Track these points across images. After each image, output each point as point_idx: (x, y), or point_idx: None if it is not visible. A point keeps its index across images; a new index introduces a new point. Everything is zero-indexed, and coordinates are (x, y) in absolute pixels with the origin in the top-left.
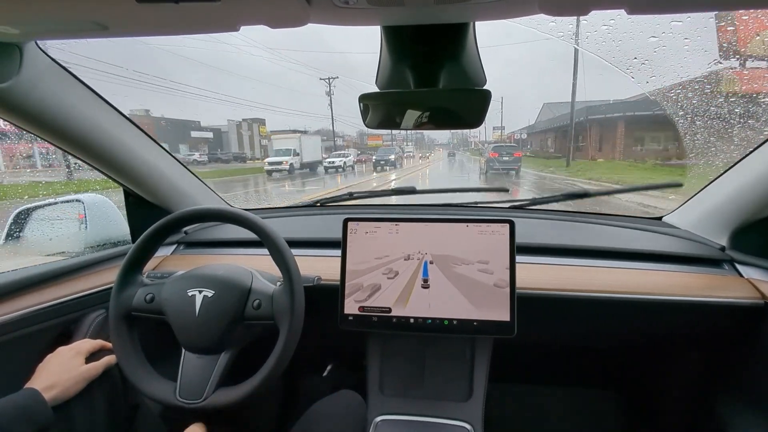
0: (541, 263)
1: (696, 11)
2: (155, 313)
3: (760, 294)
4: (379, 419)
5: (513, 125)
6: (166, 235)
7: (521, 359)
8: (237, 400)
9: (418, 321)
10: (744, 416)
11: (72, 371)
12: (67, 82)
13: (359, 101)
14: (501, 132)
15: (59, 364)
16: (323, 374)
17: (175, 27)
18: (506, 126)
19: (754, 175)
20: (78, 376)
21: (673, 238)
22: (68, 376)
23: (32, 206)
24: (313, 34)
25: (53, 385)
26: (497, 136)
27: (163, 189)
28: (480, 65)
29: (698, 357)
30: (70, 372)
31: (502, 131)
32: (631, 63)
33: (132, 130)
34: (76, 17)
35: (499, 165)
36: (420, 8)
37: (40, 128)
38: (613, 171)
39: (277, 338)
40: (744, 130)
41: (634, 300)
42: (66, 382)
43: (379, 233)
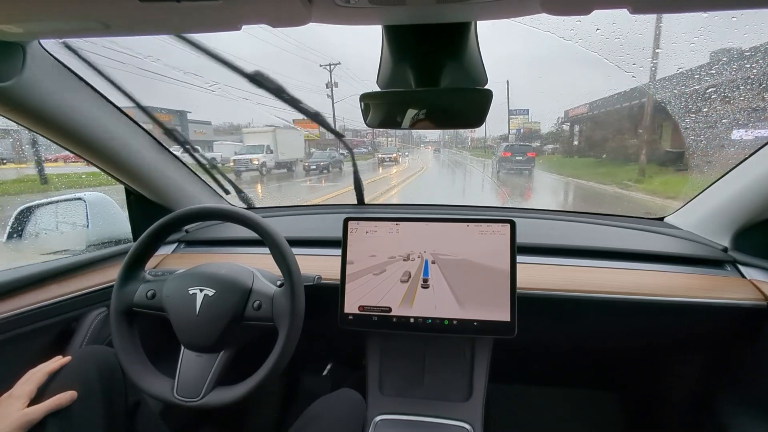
0: (541, 263)
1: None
2: (156, 309)
3: (762, 295)
4: (379, 419)
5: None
6: (167, 233)
7: (521, 359)
8: (233, 400)
9: (418, 321)
10: (745, 417)
11: (5, 420)
12: (70, 80)
13: (360, 100)
14: (525, 117)
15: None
16: (323, 373)
17: (177, 26)
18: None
19: (757, 176)
20: (12, 423)
21: (674, 239)
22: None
23: (35, 204)
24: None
25: None
26: (519, 123)
27: (164, 187)
28: (481, 65)
29: (699, 358)
30: (2, 421)
31: (526, 116)
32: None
33: (134, 128)
34: (79, 16)
35: (512, 165)
36: (421, 7)
37: (43, 126)
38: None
39: (276, 340)
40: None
41: (635, 301)
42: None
43: (380, 232)
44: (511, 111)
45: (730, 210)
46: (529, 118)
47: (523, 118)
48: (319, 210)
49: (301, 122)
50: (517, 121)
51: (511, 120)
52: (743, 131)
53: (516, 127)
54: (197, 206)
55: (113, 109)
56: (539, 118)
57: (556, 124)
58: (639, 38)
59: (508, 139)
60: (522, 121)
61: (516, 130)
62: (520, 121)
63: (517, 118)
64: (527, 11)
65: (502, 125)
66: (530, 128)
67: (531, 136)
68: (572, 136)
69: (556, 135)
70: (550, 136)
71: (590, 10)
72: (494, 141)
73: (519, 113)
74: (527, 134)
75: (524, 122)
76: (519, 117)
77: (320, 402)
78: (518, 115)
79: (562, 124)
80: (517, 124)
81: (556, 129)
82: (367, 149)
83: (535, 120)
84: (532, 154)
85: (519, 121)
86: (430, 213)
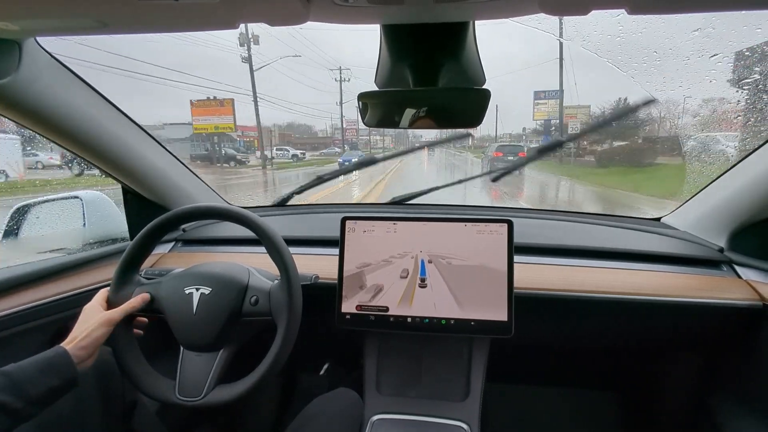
0: (539, 263)
1: (696, 11)
2: (153, 311)
3: (758, 296)
4: (376, 418)
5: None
6: (163, 232)
7: (519, 359)
8: (236, 397)
9: (415, 320)
10: (741, 417)
11: (90, 320)
12: (66, 78)
13: (358, 100)
14: (556, 101)
15: (82, 316)
16: (320, 373)
17: (175, 24)
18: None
19: (753, 176)
20: (97, 321)
21: (671, 239)
22: (87, 324)
23: (31, 202)
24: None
25: (75, 336)
26: (549, 110)
27: (161, 186)
28: (479, 64)
29: (696, 358)
30: (88, 321)
31: (556, 100)
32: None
33: (131, 127)
34: (76, 14)
35: (504, 165)
36: (419, 7)
37: (39, 125)
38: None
39: (275, 335)
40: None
41: (632, 300)
42: (87, 329)
43: (377, 232)
44: (537, 94)
45: (726, 211)
46: (566, 101)
47: (553, 103)
48: (317, 209)
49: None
50: (545, 107)
51: (537, 107)
52: None
53: (544, 116)
54: (194, 205)
55: (110, 107)
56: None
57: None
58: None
59: (521, 134)
60: (552, 107)
61: (544, 121)
62: (550, 107)
63: (546, 104)
64: (525, 11)
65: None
66: (574, 116)
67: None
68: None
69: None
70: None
71: (588, 11)
72: (505, 138)
73: (548, 96)
74: (560, 127)
75: (555, 108)
76: (548, 102)
77: (318, 401)
78: (547, 99)
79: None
80: (545, 112)
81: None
82: (341, 149)
83: (577, 104)
84: (522, 154)
85: (549, 107)
86: (428, 212)
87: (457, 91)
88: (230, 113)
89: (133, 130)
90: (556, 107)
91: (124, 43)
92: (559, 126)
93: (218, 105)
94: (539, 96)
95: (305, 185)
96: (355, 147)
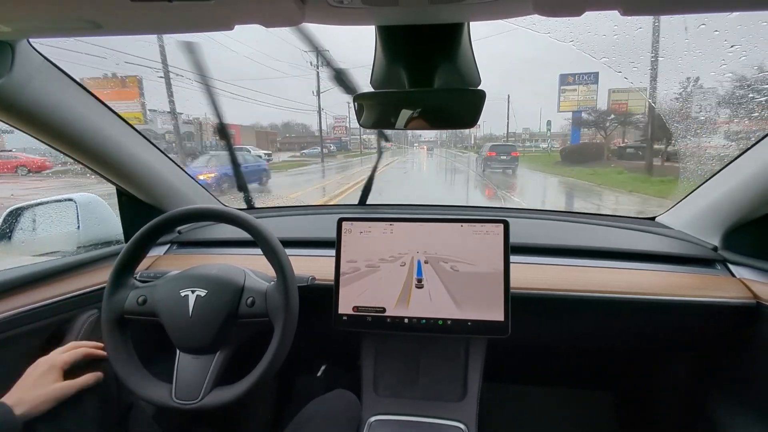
0: (535, 263)
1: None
2: (148, 315)
3: (752, 294)
4: (374, 419)
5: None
6: (158, 235)
7: (515, 359)
8: (234, 399)
9: (412, 321)
10: (736, 415)
11: (40, 388)
12: (59, 80)
13: (353, 101)
14: (590, 86)
15: (32, 378)
16: (317, 374)
17: (169, 26)
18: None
19: (746, 176)
20: (47, 395)
21: (666, 238)
22: (36, 393)
23: (24, 205)
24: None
25: (20, 401)
26: (579, 98)
27: (156, 188)
28: (474, 65)
29: (691, 357)
30: (38, 389)
31: (592, 85)
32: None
33: (125, 128)
34: (70, 16)
35: (497, 164)
36: (414, 8)
37: (32, 127)
38: None
39: (272, 336)
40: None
41: (627, 300)
42: (34, 400)
43: (374, 233)
44: (563, 78)
45: (720, 209)
46: (605, 85)
47: (585, 89)
48: (313, 210)
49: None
50: (574, 95)
51: (564, 95)
52: None
53: (573, 107)
54: (189, 207)
55: (104, 108)
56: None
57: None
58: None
59: (545, 131)
60: (584, 94)
61: (574, 114)
62: (581, 94)
63: (575, 91)
64: (520, 12)
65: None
66: (624, 103)
67: (613, 119)
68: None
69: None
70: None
71: (582, 12)
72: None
73: (579, 81)
74: (596, 120)
75: (588, 96)
76: (578, 89)
77: (315, 403)
78: (577, 84)
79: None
80: (575, 101)
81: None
82: (329, 149)
83: (627, 88)
84: (515, 153)
85: (580, 94)
86: (425, 213)
87: (453, 92)
88: (135, 96)
89: (127, 132)
90: (588, 94)
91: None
92: (598, 119)
93: (119, 85)
94: (566, 80)
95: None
96: (344, 147)
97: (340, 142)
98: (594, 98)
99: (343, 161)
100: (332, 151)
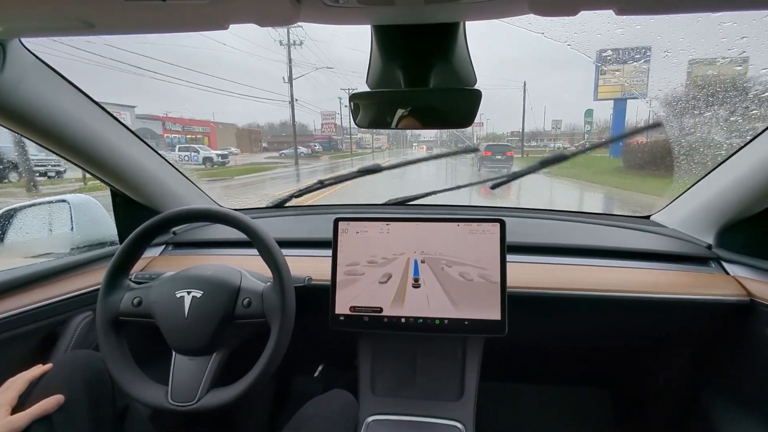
0: (531, 262)
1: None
2: (143, 316)
3: (745, 291)
4: (371, 419)
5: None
6: (153, 236)
7: (512, 358)
8: (230, 400)
9: (409, 321)
10: (731, 412)
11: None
12: (52, 80)
13: (350, 100)
14: (639, 65)
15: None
16: (314, 374)
17: (163, 25)
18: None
19: (740, 174)
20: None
21: (660, 237)
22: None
23: (17, 206)
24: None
25: None
26: (623, 82)
27: (150, 189)
28: (470, 65)
29: (686, 354)
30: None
31: (643, 63)
32: None
33: (119, 128)
34: (62, 15)
35: (493, 164)
36: (410, 8)
37: (25, 127)
38: None
39: (269, 337)
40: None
41: (622, 298)
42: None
43: (370, 233)
44: (601, 56)
45: (714, 208)
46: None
47: (631, 69)
48: (310, 211)
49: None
50: (615, 78)
51: (603, 78)
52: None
53: (616, 93)
54: (184, 208)
55: (97, 108)
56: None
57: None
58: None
59: (582, 130)
60: (631, 76)
61: (615, 103)
62: (627, 75)
63: (620, 71)
64: (515, 12)
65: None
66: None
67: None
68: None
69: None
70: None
71: (577, 11)
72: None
73: (624, 58)
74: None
75: (636, 72)
76: (624, 68)
77: (312, 403)
78: (622, 62)
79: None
80: (618, 86)
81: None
82: (313, 149)
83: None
84: (510, 153)
85: (626, 75)
86: (421, 213)
87: (449, 92)
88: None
89: (121, 132)
90: (635, 77)
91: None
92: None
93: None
94: (606, 59)
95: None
96: (334, 147)
97: (329, 142)
98: (644, 81)
99: (327, 163)
100: (317, 151)
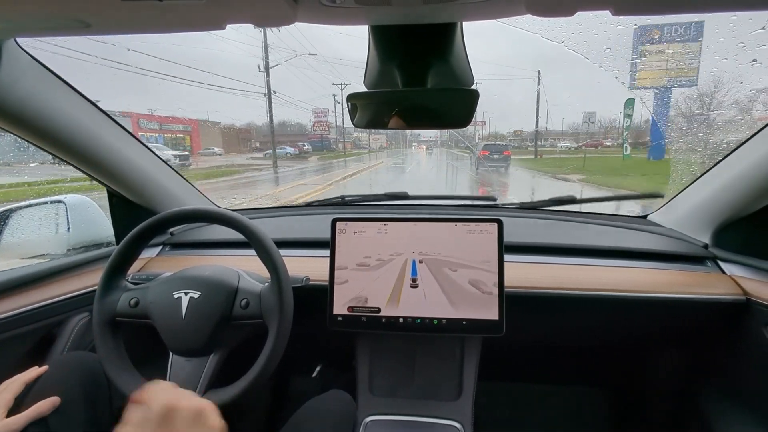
0: (528, 262)
1: (680, 12)
2: (140, 317)
3: (741, 290)
4: (369, 419)
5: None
6: (150, 237)
7: (510, 358)
8: (228, 400)
9: (407, 321)
10: (728, 410)
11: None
12: (48, 80)
13: (347, 101)
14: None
15: None
16: (312, 375)
17: (160, 25)
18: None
19: (736, 174)
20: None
21: (657, 236)
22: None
23: (13, 207)
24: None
25: None
26: (673, 64)
27: (147, 189)
28: (468, 65)
29: (683, 353)
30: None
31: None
32: None
33: (115, 129)
34: (58, 15)
35: (490, 163)
36: (407, 8)
37: (21, 128)
38: None
39: (267, 337)
40: None
41: (619, 297)
42: None
43: (368, 233)
44: (640, 34)
45: (711, 207)
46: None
47: (681, 49)
48: (307, 211)
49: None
50: (660, 62)
51: (644, 60)
52: None
53: (661, 79)
54: (181, 208)
55: (93, 109)
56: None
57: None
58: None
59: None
60: (682, 57)
61: (657, 93)
62: (678, 57)
63: (670, 50)
64: (512, 12)
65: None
66: None
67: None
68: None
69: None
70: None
71: (574, 12)
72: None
73: (671, 36)
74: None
75: (687, 58)
76: (672, 46)
77: (310, 404)
78: (667, 40)
79: None
80: (663, 70)
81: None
82: (302, 148)
83: None
84: (507, 153)
85: (676, 57)
86: (418, 213)
87: (446, 92)
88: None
89: (117, 132)
90: (687, 57)
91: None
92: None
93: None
94: (649, 37)
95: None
96: (326, 147)
97: (321, 141)
98: (695, 65)
99: (314, 165)
100: (306, 151)
